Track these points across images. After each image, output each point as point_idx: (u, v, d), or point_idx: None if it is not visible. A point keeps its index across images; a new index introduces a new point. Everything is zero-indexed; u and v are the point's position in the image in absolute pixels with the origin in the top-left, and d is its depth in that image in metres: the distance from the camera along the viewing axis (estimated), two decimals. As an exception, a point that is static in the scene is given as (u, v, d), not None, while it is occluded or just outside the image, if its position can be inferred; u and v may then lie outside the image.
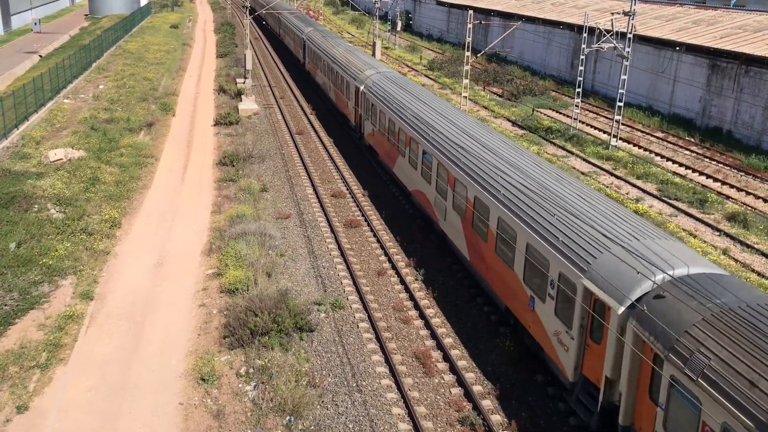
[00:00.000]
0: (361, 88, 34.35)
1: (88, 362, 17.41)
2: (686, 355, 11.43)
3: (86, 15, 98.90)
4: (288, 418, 15.25)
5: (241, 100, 47.14)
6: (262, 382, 16.41)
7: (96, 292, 20.90)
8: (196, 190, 30.49)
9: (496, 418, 15.71)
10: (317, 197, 29.72)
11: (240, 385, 16.54)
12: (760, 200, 30.87)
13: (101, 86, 48.76)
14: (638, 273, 13.30)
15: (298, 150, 36.81)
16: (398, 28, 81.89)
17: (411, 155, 25.84)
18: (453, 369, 17.45)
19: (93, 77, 51.95)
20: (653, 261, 13.60)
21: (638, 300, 13.04)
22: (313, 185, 31.25)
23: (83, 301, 20.23)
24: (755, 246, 25.63)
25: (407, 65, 65.84)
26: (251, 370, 16.94)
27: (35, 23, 78.66)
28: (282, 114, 45.15)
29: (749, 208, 29.70)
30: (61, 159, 31.16)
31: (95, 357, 17.66)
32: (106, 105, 42.93)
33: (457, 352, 18.36)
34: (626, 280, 13.42)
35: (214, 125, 41.94)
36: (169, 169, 33.38)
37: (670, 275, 13.04)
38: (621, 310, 13.14)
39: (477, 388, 16.78)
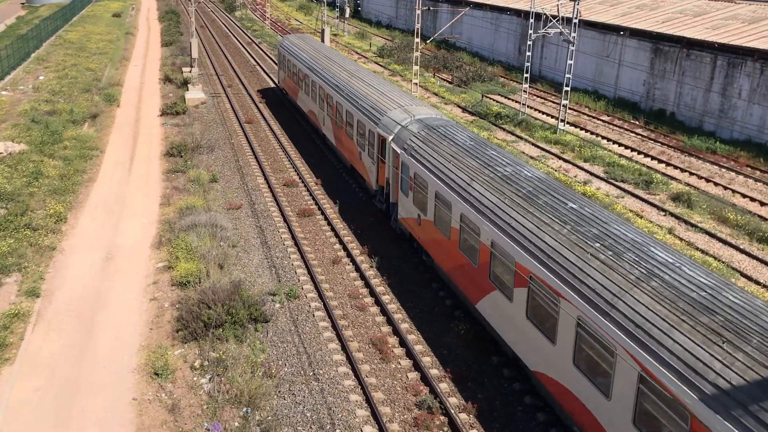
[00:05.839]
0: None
1: (36, 361, 16.94)
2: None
3: (23, 3, 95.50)
4: (245, 409, 15.13)
5: (187, 89, 46.26)
6: (218, 375, 16.23)
7: (42, 289, 20.32)
8: (143, 182, 29.85)
9: (453, 401, 15.88)
10: (269, 187, 29.43)
11: (195, 379, 16.32)
12: (703, 180, 31.80)
13: (41, 77, 47.22)
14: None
15: (248, 139, 36.35)
16: (347, 15, 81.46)
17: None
18: (410, 353, 17.55)
19: (32, 68, 50.27)
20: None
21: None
22: (264, 175, 30.92)
23: (29, 299, 19.65)
24: (699, 225, 26.41)
25: (357, 52, 65.55)
26: (206, 363, 16.73)
27: (-31, 12, 75.57)
28: (230, 103, 44.49)
29: (693, 188, 30.57)
30: (1, 153, 30.12)
31: (43, 355, 17.19)
32: (47, 96, 41.61)
33: (413, 337, 18.47)
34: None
35: (161, 115, 41.08)
36: (115, 161, 32.59)
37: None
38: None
39: (434, 372, 16.93)
